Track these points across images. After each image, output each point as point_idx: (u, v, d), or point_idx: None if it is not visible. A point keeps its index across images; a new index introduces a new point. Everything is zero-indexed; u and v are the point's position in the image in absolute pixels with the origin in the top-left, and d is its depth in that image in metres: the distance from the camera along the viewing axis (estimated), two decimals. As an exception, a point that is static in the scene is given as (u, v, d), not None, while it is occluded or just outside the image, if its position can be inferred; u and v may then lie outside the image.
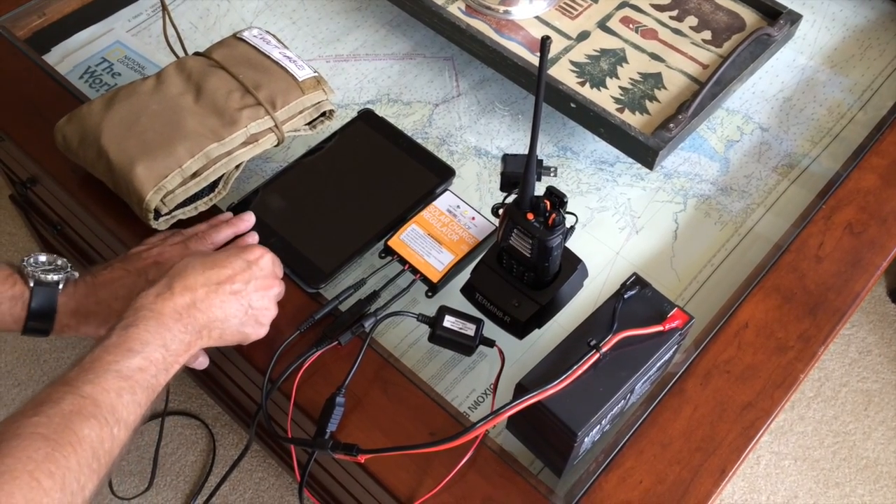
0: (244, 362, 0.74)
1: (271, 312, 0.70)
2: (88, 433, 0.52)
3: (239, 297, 0.66)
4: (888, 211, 0.84)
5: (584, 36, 0.97)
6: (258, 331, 0.69)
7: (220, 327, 0.65)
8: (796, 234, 0.82)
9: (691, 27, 0.98)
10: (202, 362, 0.72)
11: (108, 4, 1.05)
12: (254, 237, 0.78)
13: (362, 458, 0.65)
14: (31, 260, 0.69)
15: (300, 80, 0.83)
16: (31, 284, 0.67)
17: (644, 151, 0.86)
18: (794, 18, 0.97)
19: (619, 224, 0.87)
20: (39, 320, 0.67)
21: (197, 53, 0.85)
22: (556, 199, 0.69)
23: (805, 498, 1.33)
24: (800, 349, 0.75)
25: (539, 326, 0.75)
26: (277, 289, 0.71)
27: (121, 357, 0.57)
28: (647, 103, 0.90)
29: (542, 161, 0.74)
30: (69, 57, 1.00)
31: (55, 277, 0.68)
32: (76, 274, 0.70)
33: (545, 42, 0.56)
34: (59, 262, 0.70)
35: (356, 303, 0.75)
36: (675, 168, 0.92)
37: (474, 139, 0.94)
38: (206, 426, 1.31)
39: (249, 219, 0.79)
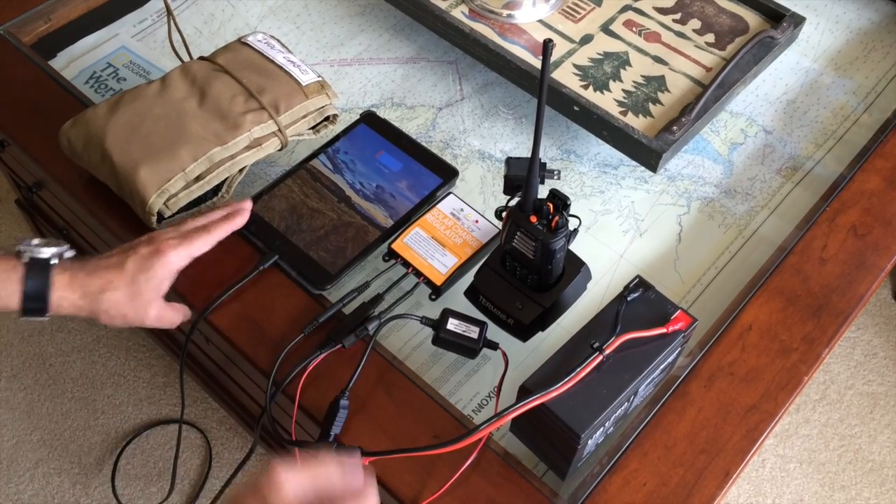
0: (249, 366, 0.75)
1: None
2: None
3: None
4: (892, 213, 0.84)
5: (587, 39, 0.97)
6: None
7: None
8: (800, 237, 0.82)
9: (694, 30, 0.98)
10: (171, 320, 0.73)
11: (114, 10, 1.05)
12: None
13: (366, 461, 0.65)
14: (25, 242, 0.69)
15: (304, 84, 0.83)
16: (25, 261, 0.67)
17: (647, 154, 0.86)
18: (798, 21, 0.97)
19: (622, 227, 0.87)
20: (35, 300, 0.67)
21: (201, 58, 0.86)
22: (560, 201, 0.69)
23: (810, 501, 1.32)
24: (804, 351, 0.75)
25: (542, 329, 0.75)
26: None
27: None
28: (651, 106, 0.90)
29: (545, 164, 0.74)
30: (75, 62, 1.00)
31: (48, 253, 0.68)
32: (72, 252, 0.70)
33: (547, 45, 0.56)
34: (54, 242, 0.70)
35: (360, 306, 0.75)
36: (679, 171, 0.92)
37: (478, 143, 0.94)
38: (202, 432, 1.31)
39: (246, 205, 0.77)
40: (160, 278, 0.69)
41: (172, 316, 0.73)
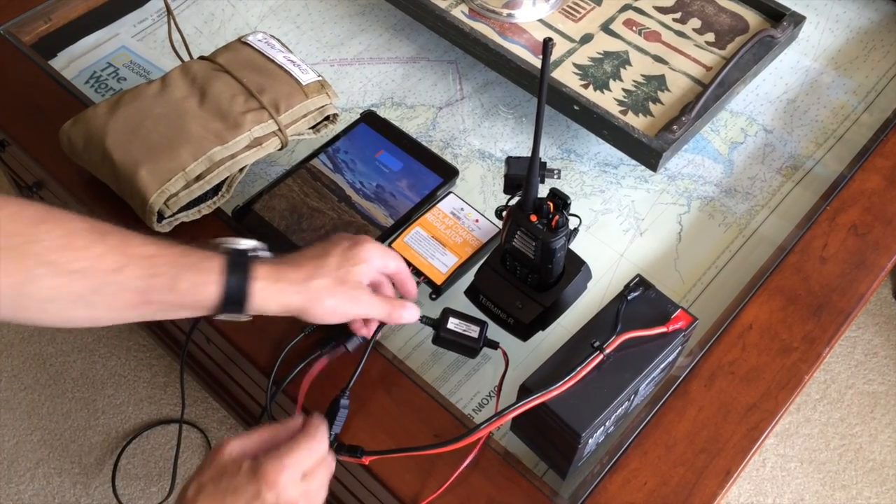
0: (249, 365, 0.75)
1: None
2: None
3: None
4: (893, 212, 0.84)
5: (587, 38, 0.97)
6: None
7: None
8: (800, 236, 0.82)
9: (694, 29, 0.98)
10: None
11: (114, 10, 1.05)
12: None
13: (367, 460, 0.65)
14: (221, 239, 0.66)
15: (304, 84, 0.83)
16: (224, 251, 0.63)
17: (647, 153, 0.86)
18: (798, 20, 0.97)
19: (622, 226, 0.87)
20: (235, 291, 0.62)
21: (202, 57, 0.86)
22: (560, 201, 0.69)
23: (811, 500, 1.32)
24: (804, 350, 0.75)
25: (543, 328, 0.75)
26: None
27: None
28: (651, 105, 0.90)
29: (545, 163, 0.74)
30: (75, 62, 1.00)
31: (246, 245, 0.65)
32: (269, 254, 0.67)
33: (547, 44, 0.56)
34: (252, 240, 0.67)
35: (360, 305, 0.75)
36: (679, 170, 0.92)
37: (478, 142, 0.94)
38: (202, 431, 1.31)
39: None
40: (361, 266, 0.67)
41: (385, 305, 0.69)
